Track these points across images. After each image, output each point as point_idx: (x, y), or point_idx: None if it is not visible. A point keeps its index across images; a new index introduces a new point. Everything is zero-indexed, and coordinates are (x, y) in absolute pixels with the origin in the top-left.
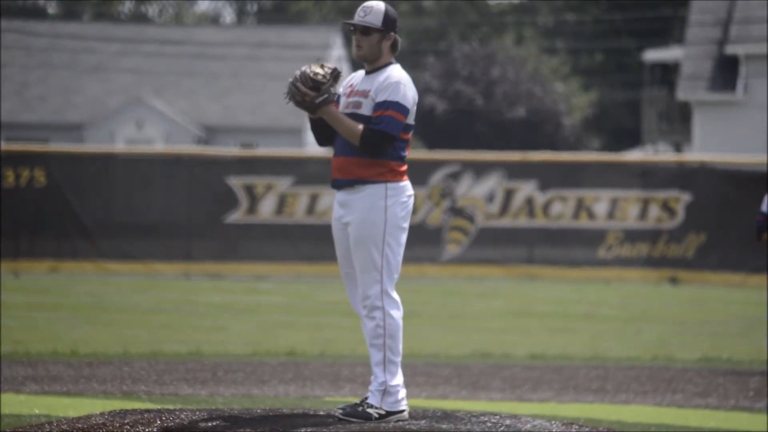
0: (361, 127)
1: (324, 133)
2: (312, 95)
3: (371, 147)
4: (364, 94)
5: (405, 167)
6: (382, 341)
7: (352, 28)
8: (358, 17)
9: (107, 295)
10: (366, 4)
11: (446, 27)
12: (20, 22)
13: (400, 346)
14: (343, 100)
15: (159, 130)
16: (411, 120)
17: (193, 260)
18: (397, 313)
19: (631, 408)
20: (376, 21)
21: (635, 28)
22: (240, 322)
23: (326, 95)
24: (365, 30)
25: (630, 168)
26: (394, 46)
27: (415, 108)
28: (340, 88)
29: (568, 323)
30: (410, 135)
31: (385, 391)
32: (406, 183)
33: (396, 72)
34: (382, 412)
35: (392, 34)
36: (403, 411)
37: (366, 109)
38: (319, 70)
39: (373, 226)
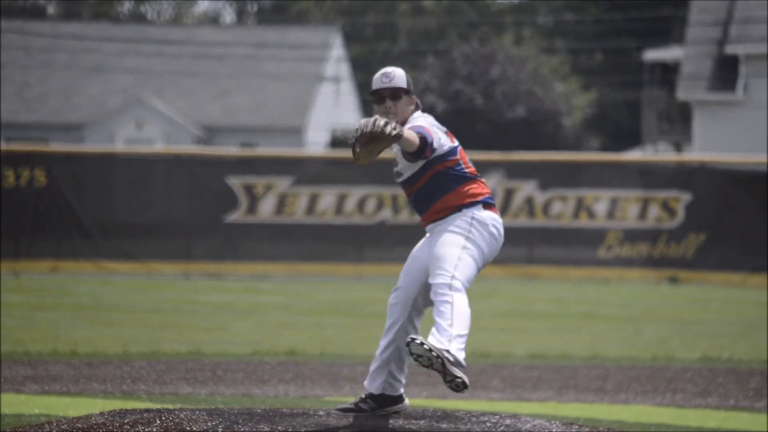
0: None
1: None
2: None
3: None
4: (396, 162)
5: (477, 186)
6: (449, 313)
7: (375, 96)
8: (383, 83)
9: (107, 295)
10: (385, 71)
11: (446, 27)
12: (20, 22)
13: (466, 326)
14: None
15: (159, 130)
16: (445, 143)
17: (193, 260)
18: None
19: (631, 408)
20: (402, 83)
21: (635, 28)
22: (240, 322)
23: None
24: (395, 94)
25: (630, 168)
26: (417, 106)
27: (440, 133)
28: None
29: (568, 323)
30: (457, 158)
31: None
32: (494, 214)
33: (416, 115)
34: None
35: (414, 96)
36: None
37: (407, 170)
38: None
39: (457, 230)
